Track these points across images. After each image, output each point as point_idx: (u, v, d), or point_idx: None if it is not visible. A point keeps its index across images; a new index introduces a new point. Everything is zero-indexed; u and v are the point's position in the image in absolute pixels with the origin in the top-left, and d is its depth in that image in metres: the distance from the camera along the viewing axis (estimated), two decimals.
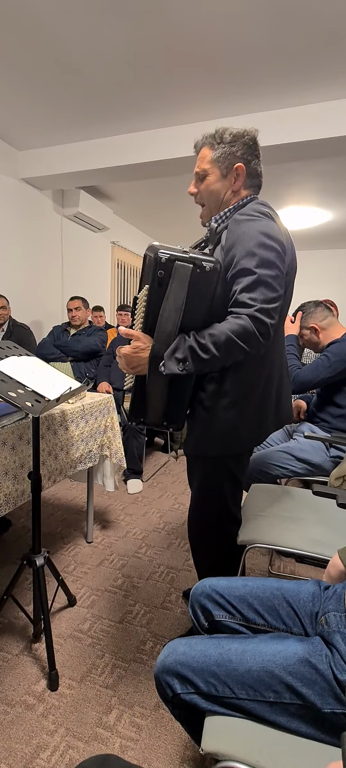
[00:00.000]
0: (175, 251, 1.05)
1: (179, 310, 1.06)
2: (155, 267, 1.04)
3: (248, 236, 1.08)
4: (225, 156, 1.19)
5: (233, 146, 1.19)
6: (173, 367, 1.05)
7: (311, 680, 0.72)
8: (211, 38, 2.14)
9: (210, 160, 1.21)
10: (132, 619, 1.65)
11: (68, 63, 2.39)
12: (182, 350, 1.05)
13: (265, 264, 1.05)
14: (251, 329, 1.01)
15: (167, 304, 1.06)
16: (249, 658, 0.77)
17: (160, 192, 4.43)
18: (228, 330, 1.02)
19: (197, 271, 1.05)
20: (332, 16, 1.96)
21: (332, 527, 1.33)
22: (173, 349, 1.06)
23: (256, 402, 1.20)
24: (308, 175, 3.77)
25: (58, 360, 3.41)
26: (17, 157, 3.65)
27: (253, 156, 1.22)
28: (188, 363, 1.05)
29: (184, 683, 0.79)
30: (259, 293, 1.04)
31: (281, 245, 1.10)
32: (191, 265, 1.04)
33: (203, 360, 1.04)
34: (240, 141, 1.19)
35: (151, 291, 1.07)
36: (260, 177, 1.27)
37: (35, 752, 1.13)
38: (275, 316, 1.05)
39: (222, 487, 1.29)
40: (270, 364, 1.22)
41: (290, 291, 1.27)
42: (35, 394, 1.28)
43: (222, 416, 1.19)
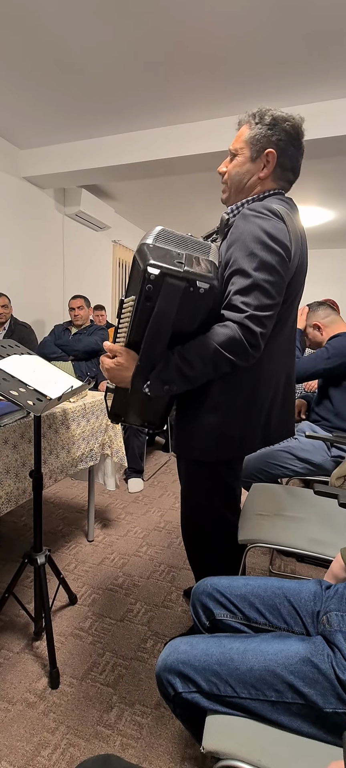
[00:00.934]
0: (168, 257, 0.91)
1: (166, 331, 0.96)
2: (143, 281, 0.90)
3: (250, 235, 1.01)
4: (259, 138, 1.09)
5: (270, 129, 1.08)
6: (158, 390, 0.99)
7: (313, 680, 0.72)
8: (212, 37, 2.14)
9: (244, 139, 1.12)
10: (133, 618, 1.65)
11: (70, 62, 2.39)
12: (168, 371, 0.98)
13: (264, 267, 0.98)
14: (238, 339, 0.96)
15: (154, 323, 0.94)
16: (251, 657, 0.77)
17: (162, 191, 4.43)
18: (215, 342, 0.96)
19: (190, 290, 0.91)
20: (334, 15, 1.95)
21: (333, 527, 1.32)
22: (159, 371, 0.99)
23: (240, 408, 1.13)
24: (309, 174, 3.77)
25: (59, 359, 3.41)
26: (19, 156, 3.65)
27: (290, 145, 1.10)
28: (175, 384, 1.00)
29: (185, 682, 0.79)
30: (253, 298, 0.97)
31: (286, 249, 1.02)
32: (183, 285, 0.90)
33: (189, 378, 1.00)
34: (280, 125, 1.08)
35: (138, 304, 0.95)
36: (296, 171, 1.16)
37: (36, 750, 1.13)
38: (267, 324, 0.99)
39: (209, 490, 1.24)
40: (258, 371, 1.12)
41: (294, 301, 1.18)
42: (37, 392, 1.28)
43: (204, 419, 1.13)
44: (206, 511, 1.27)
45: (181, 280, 0.90)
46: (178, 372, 0.99)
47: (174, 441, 1.25)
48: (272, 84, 2.50)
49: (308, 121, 2.65)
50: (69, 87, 2.65)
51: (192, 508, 1.31)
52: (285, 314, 1.15)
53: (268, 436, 1.21)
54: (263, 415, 1.18)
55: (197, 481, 1.26)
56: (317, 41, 2.12)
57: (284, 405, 1.25)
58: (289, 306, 1.15)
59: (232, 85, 2.53)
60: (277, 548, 1.24)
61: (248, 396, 1.14)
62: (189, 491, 1.30)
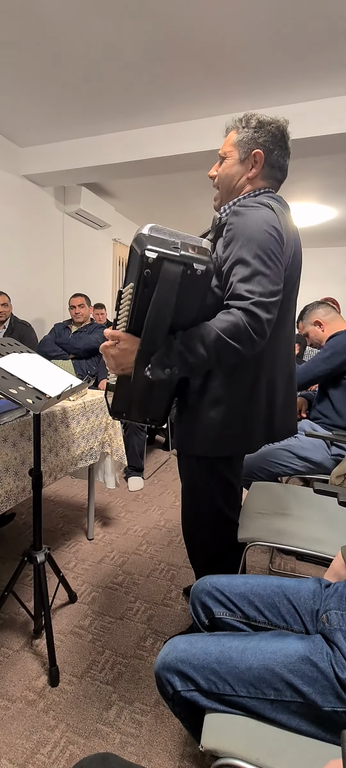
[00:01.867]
0: (164, 244, 0.93)
1: (167, 315, 0.96)
2: (141, 266, 0.92)
3: (246, 226, 1.03)
4: (246, 140, 1.15)
5: (256, 132, 1.14)
6: (160, 373, 0.98)
7: (312, 678, 0.71)
8: (212, 35, 2.13)
9: (232, 142, 1.18)
10: (132, 616, 1.65)
11: (70, 60, 2.39)
12: (170, 356, 0.97)
13: (263, 253, 0.99)
14: (242, 326, 0.93)
15: (154, 307, 0.95)
16: (250, 656, 0.76)
17: (162, 189, 4.42)
18: (218, 329, 0.95)
19: (188, 273, 0.93)
20: (334, 12, 1.94)
21: (333, 525, 1.32)
22: (161, 354, 0.98)
23: (241, 404, 1.13)
24: (311, 171, 3.76)
25: (59, 357, 3.41)
26: (19, 154, 3.64)
27: (276, 146, 1.15)
28: (176, 368, 0.98)
29: (184, 680, 0.79)
30: (256, 284, 0.96)
31: (280, 235, 1.03)
32: (181, 267, 0.93)
33: (191, 364, 0.97)
34: (265, 128, 1.14)
35: (137, 291, 0.96)
36: (283, 171, 1.20)
37: (36, 747, 1.13)
38: (273, 311, 0.98)
39: (211, 487, 1.24)
40: (258, 367, 1.14)
41: (293, 290, 1.19)
42: (36, 391, 1.28)
43: (205, 415, 1.14)
44: (206, 508, 1.27)
45: (178, 263, 0.92)
46: (179, 356, 0.97)
47: (175, 438, 1.25)
48: (273, 81, 2.49)
49: (310, 119, 2.67)
50: (69, 85, 2.64)
51: (193, 505, 1.31)
52: (286, 308, 1.15)
53: (271, 433, 1.22)
54: (264, 412, 1.18)
55: (198, 478, 1.26)
56: (317, 38, 2.11)
57: (287, 403, 1.25)
58: (287, 299, 1.15)
59: (233, 82, 2.52)
60: (277, 547, 1.24)
61: (250, 392, 1.14)
62: (190, 488, 1.31)
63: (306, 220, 5.21)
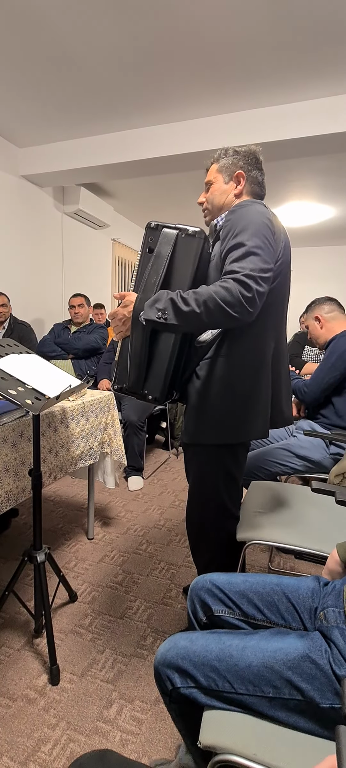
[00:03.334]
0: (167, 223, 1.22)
1: (162, 265, 1.18)
2: (146, 234, 1.23)
3: (241, 217, 1.15)
4: (228, 165, 1.33)
5: (235, 157, 1.33)
6: (151, 314, 1.08)
7: (311, 675, 0.72)
8: (211, 34, 2.13)
9: (216, 170, 1.36)
10: (132, 615, 1.66)
11: (68, 60, 2.39)
12: (163, 301, 1.08)
13: (255, 236, 1.10)
14: (235, 292, 1.02)
15: (153, 262, 1.19)
16: (250, 654, 0.77)
17: (161, 188, 4.42)
18: (212, 290, 1.04)
19: (182, 236, 1.20)
20: (333, 12, 1.95)
21: (330, 524, 1.33)
22: (154, 299, 1.10)
23: (246, 391, 1.21)
24: (309, 171, 3.76)
25: (59, 357, 3.41)
26: (17, 155, 3.65)
27: (254, 167, 1.33)
28: (167, 313, 1.07)
29: (184, 677, 0.80)
30: (248, 262, 1.07)
31: (271, 223, 1.16)
32: (177, 231, 1.20)
33: (182, 312, 1.05)
34: (241, 154, 1.33)
35: (143, 256, 1.23)
36: (262, 187, 1.37)
37: (37, 745, 1.14)
38: (263, 284, 1.06)
39: (217, 481, 1.30)
40: (262, 355, 1.23)
41: (286, 281, 1.28)
42: (35, 391, 1.28)
43: (213, 403, 1.22)
44: (212, 501, 1.32)
45: (174, 229, 1.22)
46: (171, 303, 1.07)
47: (183, 429, 1.32)
48: (271, 81, 2.49)
49: (308, 118, 2.68)
50: (68, 85, 2.64)
51: (199, 498, 1.35)
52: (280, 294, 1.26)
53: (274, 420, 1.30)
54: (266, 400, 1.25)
55: (205, 470, 1.31)
56: (316, 38, 2.12)
57: (287, 392, 1.35)
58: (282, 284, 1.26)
59: (231, 82, 2.53)
60: (275, 546, 1.25)
61: (255, 377, 1.21)
62: (197, 480, 1.35)
63: (304, 220, 5.21)
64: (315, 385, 2.03)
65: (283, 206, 4.76)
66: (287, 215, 5.05)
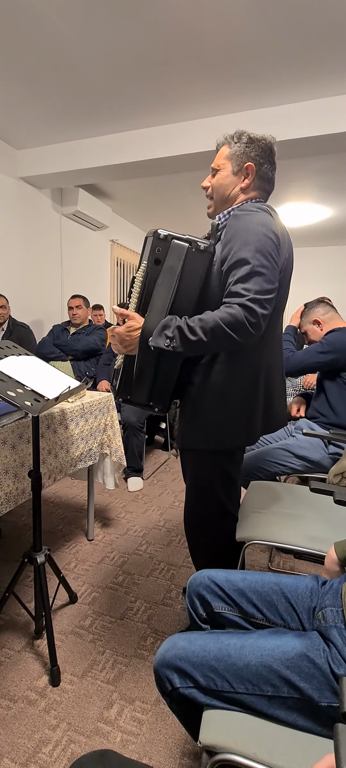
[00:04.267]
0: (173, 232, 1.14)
1: (172, 286, 1.12)
2: (153, 243, 1.13)
3: (245, 229, 1.10)
4: (239, 154, 1.24)
5: (247, 147, 1.23)
6: (160, 342, 1.08)
7: (309, 674, 0.73)
8: (209, 36, 2.14)
9: (225, 156, 1.26)
10: (133, 616, 1.66)
11: (66, 62, 2.39)
12: (171, 328, 1.08)
13: (261, 255, 1.07)
14: (240, 318, 1.02)
15: (162, 279, 1.12)
16: (248, 653, 0.78)
17: (159, 190, 4.43)
18: (218, 317, 1.04)
19: (193, 250, 1.12)
20: (331, 13, 1.96)
21: (330, 524, 1.34)
22: (163, 326, 1.09)
23: (242, 397, 1.20)
24: (307, 171, 3.77)
25: (58, 359, 3.42)
26: (16, 156, 3.65)
27: (266, 161, 1.24)
28: (175, 341, 1.07)
29: (183, 677, 0.80)
30: (253, 283, 1.05)
31: (277, 238, 1.12)
32: (187, 244, 1.12)
33: (190, 341, 1.06)
34: (256, 144, 1.23)
35: (149, 267, 1.14)
36: (271, 183, 1.29)
37: (37, 747, 1.14)
38: (268, 307, 1.06)
39: (214, 482, 1.29)
40: (257, 363, 1.21)
41: (286, 290, 1.27)
42: (34, 393, 1.29)
43: (208, 409, 1.20)
44: (210, 503, 1.31)
45: (185, 241, 1.13)
46: (179, 331, 1.07)
47: (179, 434, 1.31)
48: (269, 82, 2.50)
49: (306, 119, 2.68)
50: (66, 87, 2.65)
51: (198, 500, 1.35)
52: (279, 304, 1.24)
53: (268, 424, 1.29)
54: (262, 404, 1.25)
55: (202, 473, 1.30)
56: (314, 39, 2.13)
57: (281, 396, 1.34)
58: (282, 296, 1.24)
59: (229, 83, 2.53)
60: (274, 545, 1.25)
61: (250, 385, 1.21)
62: (194, 484, 1.34)
63: (302, 220, 5.22)
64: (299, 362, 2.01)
65: (281, 207, 4.77)
66: (285, 215, 5.06)
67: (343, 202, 4.59)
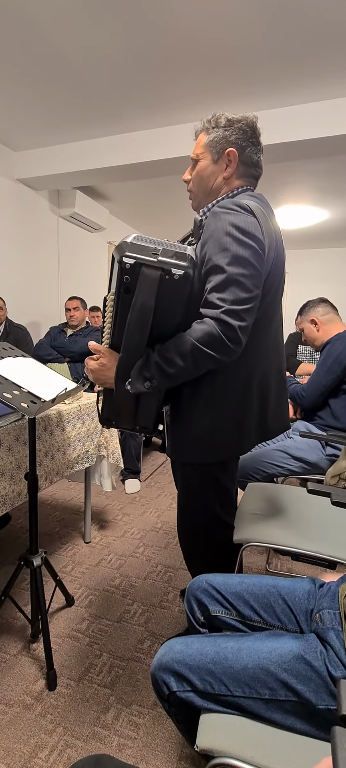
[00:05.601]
0: (144, 252, 0.93)
1: (146, 322, 0.96)
2: (121, 272, 0.94)
3: (222, 231, 1.01)
4: (218, 140, 1.13)
5: (226, 131, 1.12)
6: (139, 386, 0.99)
7: (306, 677, 0.72)
8: (206, 38, 2.14)
9: (203, 144, 1.16)
10: (130, 619, 1.65)
11: (64, 64, 2.39)
12: (148, 368, 0.98)
13: (237, 262, 0.98)
14: (216, 334, 0.95)
15: (133, 314, 0.96)
16: (245, 656, 0.77)
17: (156, 191, 4.43)
18: (193, 338, 0.96)
19: (166, 278, 0.94)
20: (328, 16, 1.97)
21: (327, 525, 1.34)
22: (140, 367, 0.99)
23: (233, 408, 1.14)
24: (304, 173, 3.78)
25: (55, 361, 3.41)
26: (13, 158, 3.64)
27: (249, 143, 1.13)
28: (155, 380, 0.99)
29: (180, 681, 0.80)
30: (229, 293, 0.96)
31: (259, 242, 1.01)
32: (159, 272, 0.93)
33: (169, 375, 0.98)
34: (235, 126, 1.12)
35: (118, 297, 0.98)
36: (257, 167, 1.18)
37: (33, 752, 1.13)
38: (246, 318, 0.98)
39: (206, 493, 1.24)
40: (249, 371, 1.14)
41: (277, 292, 1.19)
42: (31, 395, 1.28)
43: (197, 422, 1.14)
44: (202, 514, 1.27)
45: (156, 269, 0.93)
46: (157, 368, 0.98)
47: (169, 446, 1.25)
48: (266, 84, 2.51)
49: (303, 122, 2.69)
50: (63, 89, 2.65)
51: (189, 510, 1.31)
52: (270, 309, 1.15)
53: (265, 432, 1.23)
54: (257, 413, 1.19)
55: (192, 485, 1.26)
56: (312, 42, 2.13)
57: (279, 400, 1.27)
58: (271, 300, 1.15)
59: (227, 86, 2.54)
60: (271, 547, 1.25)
61: (241, 395, 1.14)
62: (185, 495, 1.30)
63: (299, 222, 5.24)
64: (312, 389, 2.04)
65: (277, 209, 4.79)
66: (282, 218, 5.08)
67: (340, 205, 4.61)
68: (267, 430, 1.24)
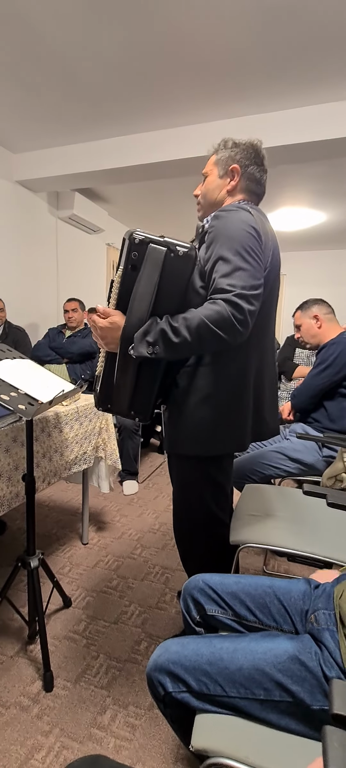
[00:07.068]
0: (151, 234, 1.04)
1: (150, 294, 1.04)
2: (129, 248, 1.03)
3: (226, 227, 1.09)
4: (225, 159, 1.26)
5: (232, 151, 1.26)
6: (142, 350, 1.02)
7: (301, 677, 0.73)
8: (204, 42, 2.15)
9: (213, 162, 1.30)
10: (127, 620, 1.65)
11: (63, 66, 2.40)
12: (153, 333, 1.02)
13: (243, 250, 1.05)
14: (226, 314, 0.98)
15: (139, 286, 1.04)
16: (240, 657, 0.78)
17: (155, 194, 4.44)
18: (202, 315, 0.99)
19: (171, 255, 1.03)
20: (325, 20, 1.98)
21: (323, 526, 1.34)
22: (144, 331, 1.02)
23: (228, 403, 1.16)
24: (301, 176, 3.80)
25: (53, 362, 3.41)
26: (12, 160, 3.65)
27: (252, 162, 1.25)
28: (158, 347, 1.01)
29: (176, 682, 0.80)
30: (238, 279, 1.02)
31: (259, 236, 1.10)
32: (165, 249, 1.03)
33: (174, 344, 1.01)
34: (240, 147, 1.26)
35: (125, 273, 1.06)
36: (260, 185, 1.29)
37: (30, 753, 1.13)
38: (255, 303, 1.03)
39: (201, 490, 1.26)
40: (246, 366, 1.18)
41: (274, 291, 1.24)
42: (28, 397, 1.28)
43: (193, 413, 1.16)
44: (197, 509, 1.29)
45: (162, 245, 1.04)
46: (162, 335, 1.01)
47: (165, 438, 1.27)
48: (264, 88, 2.52)
49: (300, 125, 2.71)
50: (62, 91, 2.65)
51: (184, 506, 1.32)
52: (268, 308, 1.22)
53: (259, 432, 1.26)
54: (252, 410, 1.22)
55: (188, 479, 1.28)
56: (308, 46, 2.15)
57: (272, 401, 1.31)
58: (269, 299, 1.21)
59: (225, 89, 2.55)
60: (267, 548, 1.26)
61: (239, 390, 1.17)
62: (181, 489, 1.32)
63: (297, 224, 5.26)
64: (305, 391, 2.07)
65: (275, 212, 4.80)
66: (279, 220, 5.09)
67: (337, 207, 4.63)
68: (261, 431, 1.27)
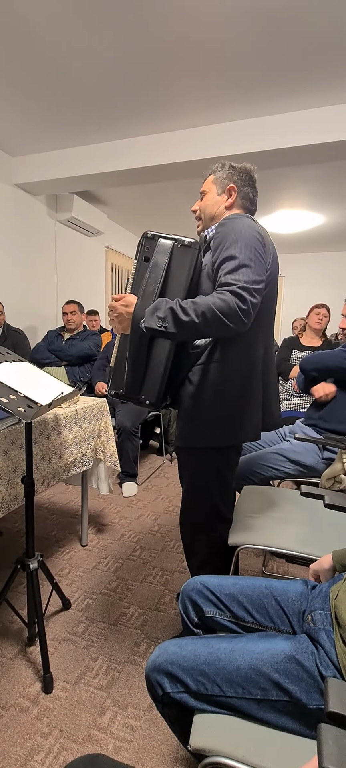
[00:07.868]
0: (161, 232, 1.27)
1: (160, 275, 1.22)
2: (143, 243, 1.27)
3: (232, 230, 1.20)
4: (222, 178, 1.40)
5: (230, 172, 1.39)
6: (152, 323, 1.11)
7: (298, 677, 0.74)
8: (202, 46, 2.17)
9: (211, 181, 1.42)
10: (126, 621, 1.66)
11: (62, 70, 2.41)
12: (163, 310, 1.11)
13: (248, 250, 1.15)
14: (232, 304, 1.07)
15: (150, 270, 1.24)
16: (238, 657, 0.78)
17: (153, 196, 4.46)
18: (210, 302, 1.08)
19: (178, 246, 1.23)
20: (322, 24, 1.99)
21: (321, 528, 1.35)
22: (154, 307, 1.12)
23: (237, 394, 1.25)
24: (299, 179, 3.81)
25: (52, 364, 3.42)
26: (11, 163, 3.66)
27: (247, 183, 1.39)
28: (168, 321, 1.10)
29: (174, 682, 0.81)
30: (241, 275, 1.12)
31: (260, 236, 1.21)
32: (173, 241, 1.24)
33: (182, 322, 1.09)
34: (237, 170, 1.39)
35: (139, 265, 1.27)
36: (253, 204, 1.42)
37: (29, 755, 1.14)
38: (257, 296, 1.12)
39: (210, 484, 1.34)
40: (254, 360, 1.27)
41: (274, 292, 1.33)
42: (27, 399, 1.29)
43: (206, 406, 1.26)
44: (206, 503, 1.35)
45: (170, 239, 1.25)
46: (171, 312, 1.10)
47: (177, 433, 1.36)
48: (262, 93, 2.54)
49: (298, 129, 2.73)
50: (61, 94, 2.67)
51: (194, 499, 1.38)
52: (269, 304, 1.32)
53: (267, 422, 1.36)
54: (260, 400, 1.31)
55: (199, 473, 1.34)
56: (306, 49, 2.16)
57: (275, 395, 1.41)
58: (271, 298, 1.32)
59: (223, 92, 2.56)
60: (266, 549, 1.26)
61: (247, 381, 1.26)
62: (192, 484, 1.38)
63: (295, 227, 5.28)
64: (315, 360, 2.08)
65: (273, 214, 4.82)
66: (278, 222, 5.11)
67: (335, 209, 4.65)
68: (266, 422, 1.35)
